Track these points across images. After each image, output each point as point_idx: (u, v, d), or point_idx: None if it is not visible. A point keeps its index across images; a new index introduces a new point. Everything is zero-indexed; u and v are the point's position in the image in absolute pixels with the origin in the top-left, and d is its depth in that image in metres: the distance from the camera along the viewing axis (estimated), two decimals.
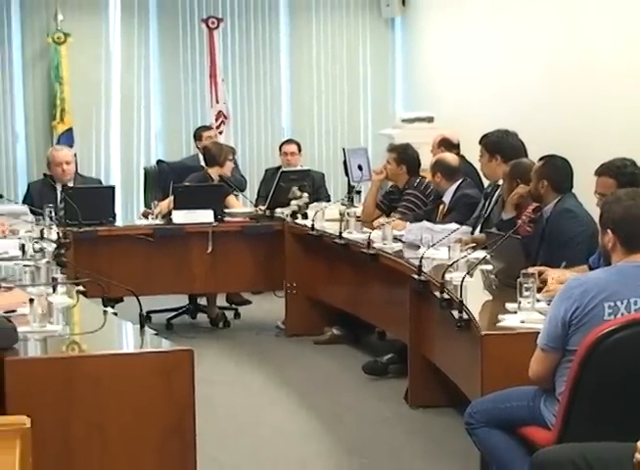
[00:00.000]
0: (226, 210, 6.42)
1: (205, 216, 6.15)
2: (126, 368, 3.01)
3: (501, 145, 5.14)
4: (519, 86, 6.83)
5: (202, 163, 6.77)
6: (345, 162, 7.40)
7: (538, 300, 3.43)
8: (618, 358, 2.71)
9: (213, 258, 6.17)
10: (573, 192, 4.44)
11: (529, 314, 3.35)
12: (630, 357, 2.71)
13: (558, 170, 4.42)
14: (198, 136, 7.42)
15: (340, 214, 5.84)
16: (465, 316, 3.56)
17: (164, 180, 6.82)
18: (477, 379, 3.30)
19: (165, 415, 3.02)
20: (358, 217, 5.81)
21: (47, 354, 3.13)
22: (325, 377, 5.31)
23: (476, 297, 3.88)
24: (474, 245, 4.64)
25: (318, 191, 7.17)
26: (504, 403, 3.06)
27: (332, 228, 5.78)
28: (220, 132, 8.28)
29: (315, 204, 6.42)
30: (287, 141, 7.63)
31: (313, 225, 5.92)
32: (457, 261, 4.15)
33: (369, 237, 5.23)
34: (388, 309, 5.18)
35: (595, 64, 5.92)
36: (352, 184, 7.16)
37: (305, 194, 6.45)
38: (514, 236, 4.06)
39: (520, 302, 3.39)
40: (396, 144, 6.23)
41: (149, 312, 5.85)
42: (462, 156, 6.13)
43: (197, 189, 6.34)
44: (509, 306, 3.48)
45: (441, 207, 5.56)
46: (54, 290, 3.71)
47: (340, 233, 5.58)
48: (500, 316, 3.41)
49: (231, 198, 6.66)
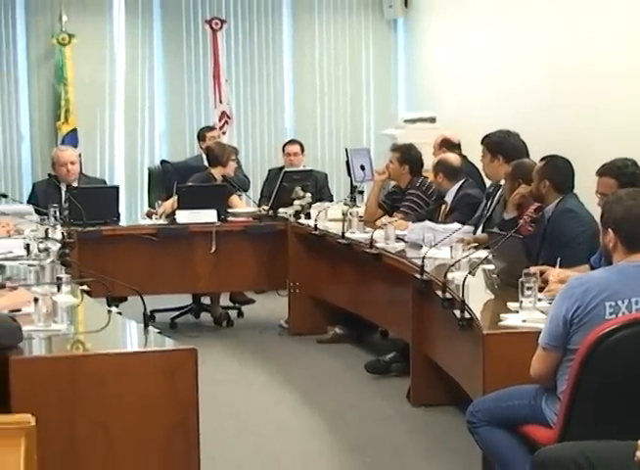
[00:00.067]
0: (229, 209, 6.42)
1: (208, 216, 6.15)
2: (130, 367, 3.01)
3: (503, 145, 5.14)
4: (520, 87, 6.84)
5: (205, 163, 6.76)
6: (348, 162, 7.40)
7: (540, 299, 3.43)
8: (619, 357, 2.71)
9: (217, 258, 6.17)
10: (575, 192, 4.44)
11: (531, 314, 3.34)
12: (631, 356, 2.72)
13: (559, 171, 4.42)
14: (201, 136, 7.43)
15: (342, 214, 5.84)
16: (467, 316, 3.56)
17: (168, 180, 6.82)
18: (478, 378, 3.30)
19: (169, 414, 3.02)
20: (361, 217, 5.81)
21: (52, 353, 3.13)
22: (328, 376, 5.32)
23: (478, 296, 3.88)
24: (476, 245, 4.64)
25: (321, 191, 7.17)
26: (506, 402, 3.06)
27: (334, 228, 5.79)
28: (224, 133, 8.27)
29: (318, 204, 6.40)
30: (290, 141, 7.63)
31: (316, 225, 5.92)
32: (459, 261, 4.16)
33: (371, 237, 5.24)
34: (390, 309, 5.19)
35: (596, 65, 5.93)
36: (355, 184, 7.15)
37: (308, 194, 6.47)
38: (515, 236, 4.05)
39: (521, 301, 3.39)
40: (400, 144, 6.22)
41: (153, 312, 5.78)
42: (464, 156, 6.11)
43: (200, 189, 6.34)
44: (511, 306, 3.48)
45: (443, 207, 5.56)
46: (58, 289, 3.69)
47: (342, 233, 5.59)
48: (502, 316, 3.41)
49: (234, 198, 6.66)
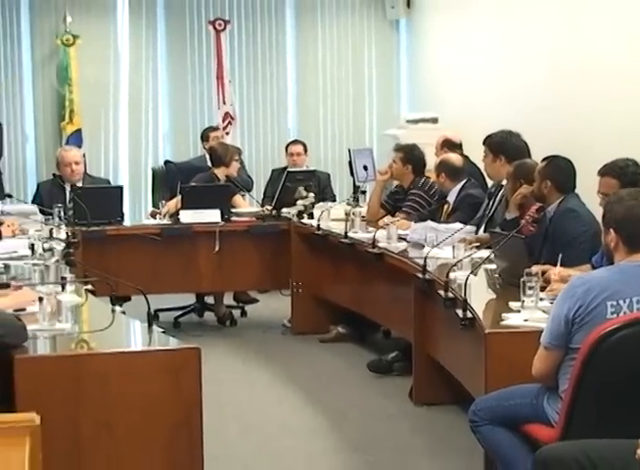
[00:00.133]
0: (233, 209, 6.43)
1: (212, 216, 6.16)
2: (134, 366, 3.02)
3: (505, 145, 5.14)
4: (522, 88, 6.83)
5: (209, 163, 6.77)
6: (351, 162, 7.39)
7: (541, 298, 3.43)
8: (621, 357, 2.71)
9: (220, 258, 6.19)
10: (576, 192, 4.44)
11: (533, 313, 3.34)
12: (632, 356, 2.72)
13: (561, 171, 4.42)
14: (205, 137, 7.44)
15: (345, 214, 5.84)
16: (469, 315, 3.55)
17: (172, 180, 6.84)
18: (480, 377, 3.30)
19: (173, 412, 3.02)
20: (363, 217, 5.81)
21: (56, 352, 3.13)
22: (331, 375, 5.32)
23: (480, 295, 3.88)
24: (477, 244, 4.64)
25: (324, 191, 7.18)
26: (508, 401, 3.06)
27: (337, 228, 5.80)
28: (227, 133, 8.29)
29: (321, 204, 6.42)
30: (293, 142, 7.65)
31: (319, 225, 5.93)
32: (461, 261, 4.16)
33: (374, 236, 5.24)
34: (392, 308, 5.19)
35: (598, 66, 5.92)
36: (358, 184, 7.13)
37: (311, 194, 6.47)
38: (517, 236, 4.06)
39: (523, 300, 3.39)
40: (403, 144, 6.22)
41: (157, 311, 5.85)
42: (466, 156, 6.10)
43: (204, 189, 6.35)
44: (512, 305, 3.48)
45: (446, 206, 5.57)
46: (63, 289, 3.70)
47: (345, 233, 5.59)
48: (504, 315, 3.41)
49: (238, 198, 6.67)
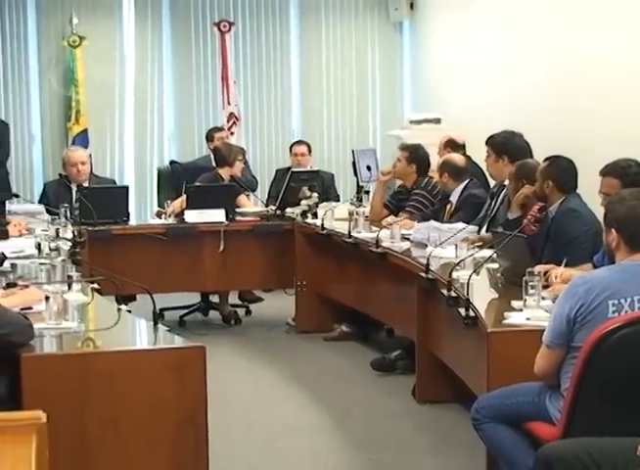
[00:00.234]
0: (237, 209, 6.45)
1: (216, 216, 6.18)
2: (140, 364, 3.03)
3: (508, 146, 5.15)
4: (524, 89, 6.85)
5: (214, 163, 6.78)
6: (354, 162, 7.41)
7: (543, 297, 3.44)
8: (622, 355, 2.73)
9: (225, 257, 6.20)
10: (578, 192, 4.45)
11: (535, 312, 3.35)
12: (634, 354, 2.73)
13: (563, 171, 4.43)
14: (210, 137, 7.46)
15: (349, 214, 5.85)
16: (471, 314, 3.57)
17: (177, 180, 6.85)
18: (483, 375, 3.31)
19: (178, 410, 3.03)
20: (367, 217, 5.82)
21: (62, 351, 3.15)
22: (334, 373, 5.33)
23: (482, 295, 3.89)
24: (480, 244, 4.68)
25: (328, 191, 7.19)
26: (510, 399, 3.07)
27: (341, 227, 5.81)
28: (232, 133, 8.31)
29: (325, 203, 6.43)
30: (297, 142, 7.66)
31: (323, 224, 5.94)
32: (464, 260, 4.16)
33: (377, 236, 5.25)
34: (396, 307, 5.20)
35: (600, 67, 5.93)
36: (361, 184, 7.15)
37: (315, 194, 6.49)
38: (519, 235, 4.07)
39: (525, 299, 3.40)
40: (409, 143, 6.22)
41: (162, 310, 5.73)
42: (468, 156, 6.13)
43: (208, 189, 6.37)
44: (515, 304, 3.49)
45: (448, 206, 5.58)
46: (69, 288, 3.71)
47: (349, 232, 5.60)
48: (506, 314, 3.42)
49: (242, 198, 6.69)
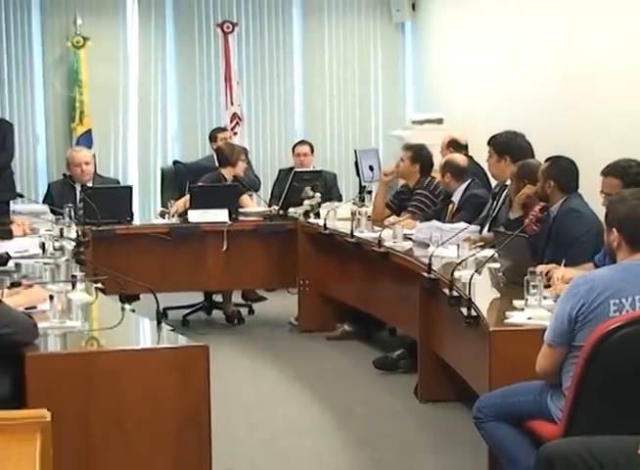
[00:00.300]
0: (240, 209, 6.47)
1: (220, 216, 6.19)
2: (144, 363, 3.04)
3: (510, 146, 5.16)
4: (526, 89, 6.85)
5: (217, 163, 6.79)
6: (357, 162, 7.44)
7: (545, 297, 3.44)
8: (624, 354, 2.73)
9: (228, 257, 6.22)
10: (579, 192, 4.46)
11: (536, 311, 3.35)
12: (635, 353, 2.73)
13: (564, 171, 4.44)
14: (213, 137, 7.48)
15: (351, 214, 5.87)
16: (473, 313, 3.58)
17: (181, 180, 6.89)
18: (485, 374, 3.32)
19: (182, 409, 3.04)
20: (369, 217, 5.83)
21: (66, 350, 3.15)
22: (337, 372, 5.34)
23: (484, 294, 3.90)
24: (482, 243, 4.68)
25: (330, 191, 7.20)
26: (512, 398, 3.08)
27: (343, 227, 5.82)
28: (235, 134, 8.33)
29: (327, 203, 6.44)
30: (300, 142, 7.67)
31: (325, 224, 5.95)
32: (466, 260, 4.17)
33: (380, 236, 5.27)
34: (398, 306, 5.21)
35: (600, 68, 5.94)
36: (364, 184, 7.18)
37: (318, 194, 6.51)
38: (521, 235, 4.06)
39: (527, 299, 3.40)
40: (413, 143, 6.23)
41: (165, 309, 5.87)
42: (470, 156, 6.14)
43: (212, 189, 6.38)
44: (516, 304, 3.49)
45: (450, 206, 5.59)
46: (73, 287, 3.71)
47: (351, 232, 5.62)
48: (508, 313, 3.42)
49: (245, 198, 6.71)
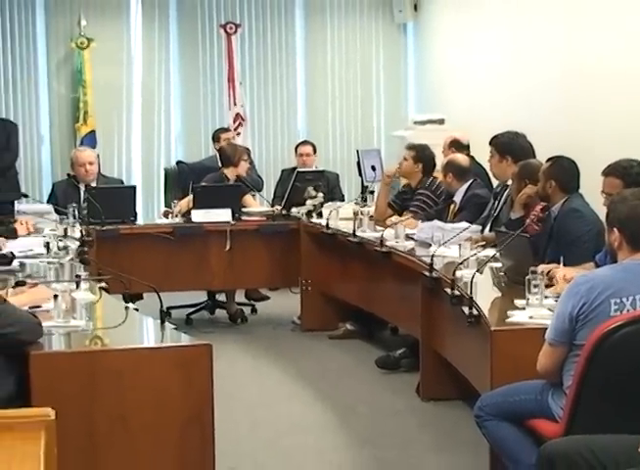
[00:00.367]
0: (243, 209, 6.48)
1: (223, 215, 6.21)
2: (147, 362, 3.05)
3: (512, 146, 5.17)
4: (527, 89, 6.87)
5: (220, 163, 6.84)
6: (359, 162, 7.46)
7: (546, 296, 3.45)
8: (624, 353, 2.74)
9: (231, 256, 6.24)
10: (580, 192, 4.47)
11: (538, 310, 3.36)
12: (635, 352, 2.74)
13: (565, 171, 4.44)
14: (216, 138, 7.49)
15: (353, 214, 5.87)
16: (475, 312, 3.59)
17: (184, 180, 6.90)
18: (486, 373, 3.33)
19: (185, 408, 3.05)
20: (371, 217, 5.84)
21: (71, 349, 3.17)
22: (339, 371, 5.35)
23: (485, 293, 3.90)
24: (483, 243, 4.69)
25: (332, 191, 7.21)
26: (513, 397, 3.08)
27: (346, 227, 5.83)
28: (238, 134, 8.35)
29: (330, 203, 6.46)
30: (302, 142, 7.68)
31: (328, 224, 5.97)
32: (467, 259, 4.18)
33: (382, 235, 5.28)
34: (400, 305, 5.22)
35: (601, 68, 5.96)
36: (366, 184, 7.17)
37: (320, 194, 6.53)
38: (522, 235, 4.07)
39: (528, 298, 3.41)
40: (416, 143, 6.24)
41: (169, 308, 5.64)
42: (472, 156, 6.13)
43: (215, 189, 6.40)
44: (518, 303, 3.50)
45: (452, 206, 5.60)
46: (77, 286, 3.72)
47: (353, 232, 5.63)
48: (509, 312, 3.43)
49: (248, 197, 6.72)
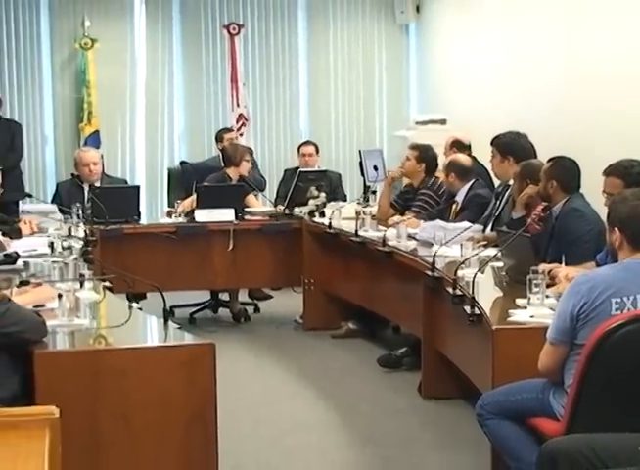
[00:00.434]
0: (246, 209, 6.50)
1: (226, 215, 6.23)
2: (151, 361, 3.07)
3: (513, 146, 5.18)
4: (528, 90, 6.89)
5: (222, 163, 6.87)
6: (361, 162, 7.47)
7: (547, 295, 3.46)
8: (625, 352, 2.75)
9: (234, 256, 6.25)
10: (581, 192, 4.48)
11: (539, 310, 3.37)
12: (636, 351, 2.75)
13: (566, 171, 4.45)
14: (219, 138, 7.51)
15: (356, 213, 5.89)
16: (476, 312, 3.60)
17: (187, 180, 6.93)
18: (488, 372, 3.34)
19: (188, 406, 3.07)
20: (374, 216, 5.86)
21: (75, 348, 3.19)
22: (342, 370, 5.37)
23: (487, 293, 3.91)
24: (485, 243, 4.71)
25: (335, 191, 7.23)
26: (514, 396, 3.09)
27: (348, 226, 5.84)
28: (241, 134, 8.38)
29: (332, 203, 6.48)
30: (305, 143, 7.69)
31: (330, 224, 5.98)
32: (469, 259, 4.18)
33: (384, 235, 5.30)
34: (402, 305, 5.23)
35: (602, 69, 5.98)
36: (368, 184, 7.19)
37: (323, 193, 6.55)
38: (524, 234, 4.09)
39: (529, 297, 3.42)
40: (419, 143, 6.25)
41: (172, 307, 5.91)
42: (473, 157, 6.15)
43: (218, 189, 6.41)
44: (519, 302, 3.51)
45: (454, 206, 5.61)
46: (81, 285, 3.75)
47: (356, 231, 5.64)
48: (510, 312, 3.44)
49: (251, 197, 6.73)
